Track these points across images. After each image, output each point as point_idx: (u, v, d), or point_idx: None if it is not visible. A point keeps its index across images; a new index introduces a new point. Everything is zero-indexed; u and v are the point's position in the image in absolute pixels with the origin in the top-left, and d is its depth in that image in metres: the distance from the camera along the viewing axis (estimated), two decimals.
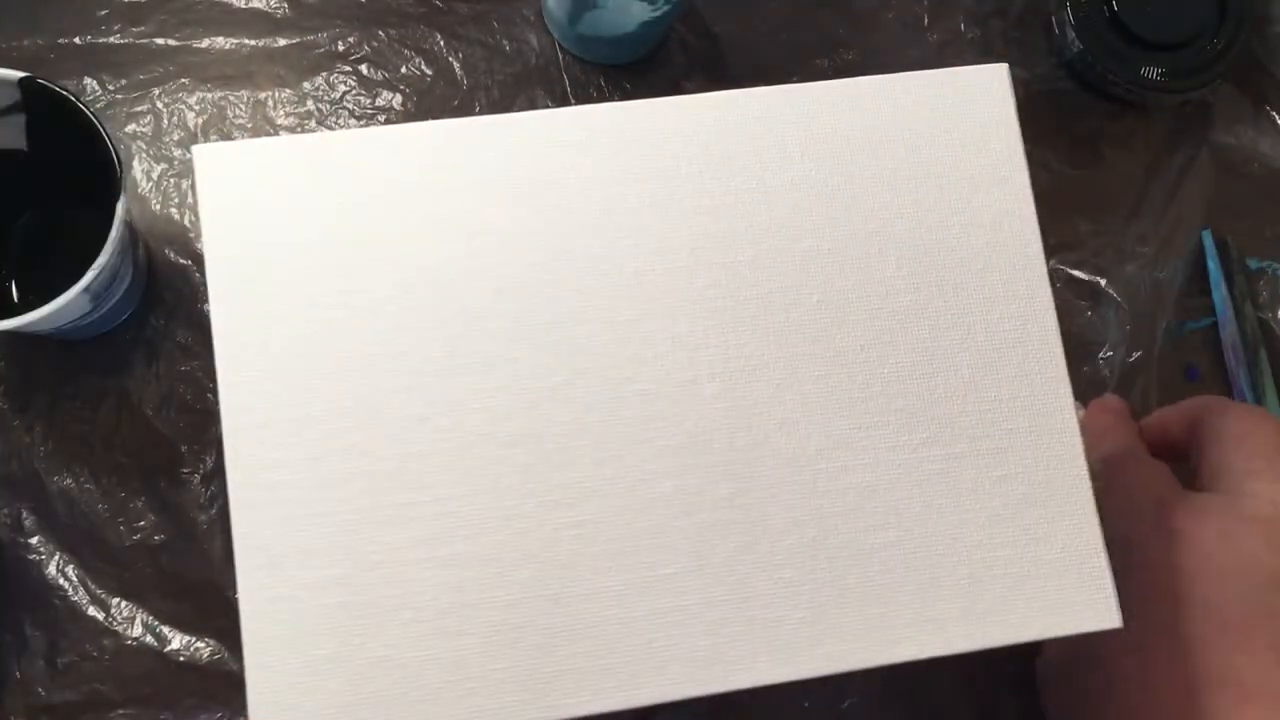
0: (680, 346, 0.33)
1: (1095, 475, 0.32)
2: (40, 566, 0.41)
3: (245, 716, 0.30)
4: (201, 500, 0.42)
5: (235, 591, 0.30)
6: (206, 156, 0.33)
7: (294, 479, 0.31)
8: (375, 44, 0.47)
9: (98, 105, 0.45)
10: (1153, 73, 0.48)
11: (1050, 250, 0.42)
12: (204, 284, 0.42)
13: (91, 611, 0.41)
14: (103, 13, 0.46)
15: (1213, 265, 0.49)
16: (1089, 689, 0.37)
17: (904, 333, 0.33)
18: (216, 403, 0.32)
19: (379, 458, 0.31)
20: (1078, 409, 0.32)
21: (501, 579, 0.31)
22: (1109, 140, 0.50)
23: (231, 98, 0.46)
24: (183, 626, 0.41)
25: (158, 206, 0.44)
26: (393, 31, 0.47)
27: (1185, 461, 0.40)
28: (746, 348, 0.33)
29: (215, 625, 0.41)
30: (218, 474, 0.42)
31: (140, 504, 0.42)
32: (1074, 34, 0.48)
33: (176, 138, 0.45)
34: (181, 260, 0.44)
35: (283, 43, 0.46)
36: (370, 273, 0.32)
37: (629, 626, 0.31)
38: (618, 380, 0.32)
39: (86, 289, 0.35)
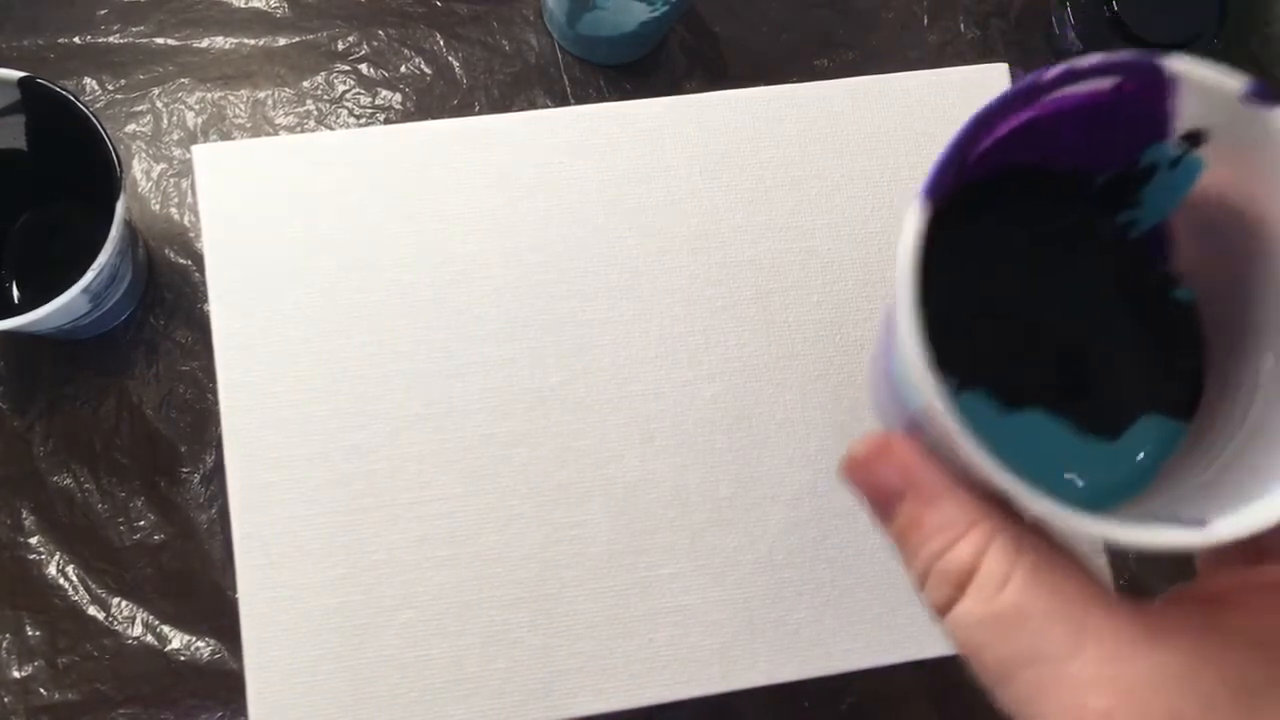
0: (680, 346, 0.33)
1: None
2: (40, 566, 0.41)
3: (245, 716, 0.30)
4: (201, 500, 0.42)
5: (235, 591, 0.30)
6: (206, 156, 0.33)
7: (294, 479, 0.31)
8: (375, 44, 0.47)
9: (98, 105, 0.45)
10: None
11: None
12: (204, 284, 0.42)
13: (91, 611, 0.41)
14: (103, 13, 0.46)
15: None
16: None
17: None
18: (216, 403, 0.32)
19: (379, 458, 0.31)
20: None
21: (502, 579, 0.31)
22: None
23: (231, 98, 0.46)
24: (183, 626, 0.41)
25: (158, 206, 0.44)
26: (393, 31, 0.47)
27: None
28: (746, 348, 0.33)
29: (215, 625, 0.41)
30: (218, 474, 0.42)
31: (140, 504, 0.42)
32: (1074, 34, 0.48)
33: (176, 138, 0.45)
34: (181, 260, 0.44)
35: (283, 43, 0.46)
36: (370, 272, 0.32)
37: (629, 626, 0.31)
38: (618, 380, 0.32)
39: (86, 289, 0.35)
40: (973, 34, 0.50)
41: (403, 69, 0.47)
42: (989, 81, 0.35)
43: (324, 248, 0.32)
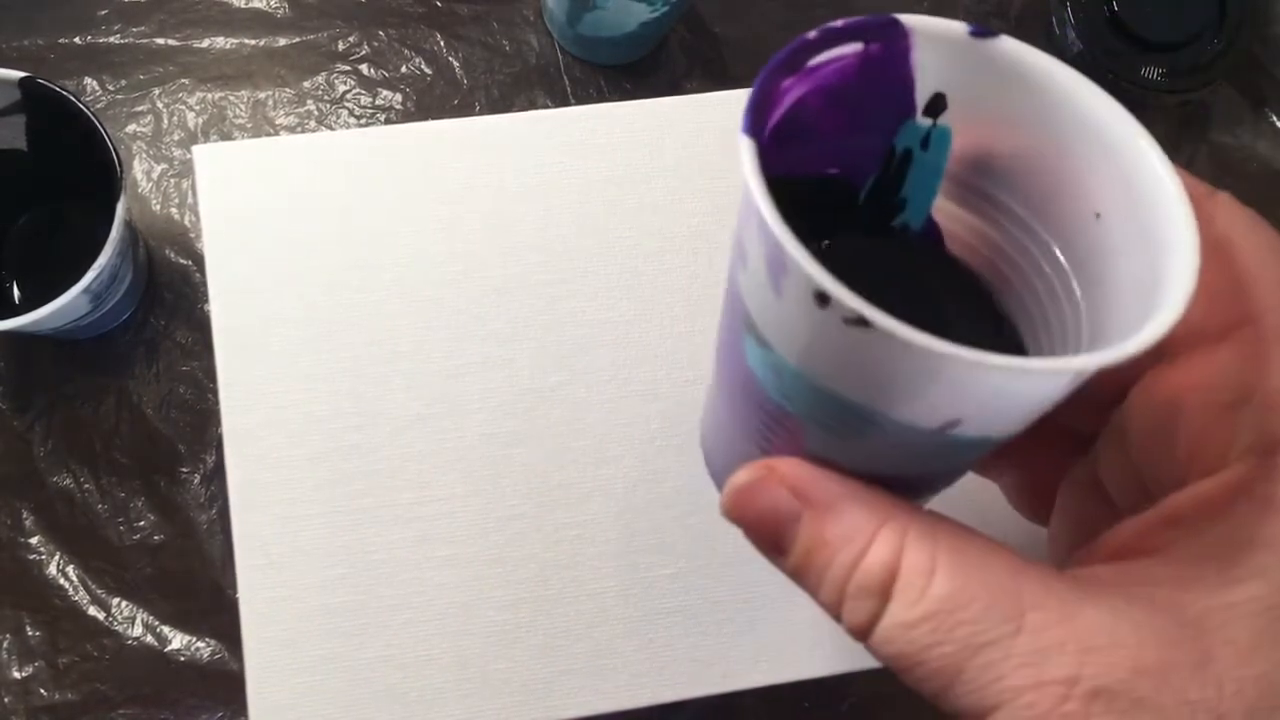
0: (680, 346, 0.33)
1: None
2: (40, 566, 0.41)
3: (245, 716, 0.30)
4: (201, 500, 0.42)
5: (235, 591, 0.30)
6: (206, 156, 0.33)
7: (294, 479, 0.31)
8: (375, 44, 0.47)
9: (98, 105, 0.45)
10: (1153, 73, 0.48)
11: None
12: (204, 284, 0.42)
13: (91, 611, 0.41)
14: (103, 13, 0.46)
15: None
16: None
17: None
18: (216, 403, 0.32)
19: (379, 458, 0.31)
20: None
21: (502, 579, 0.31)
22: None
23: (231, 98, 0.46)
24: (183, 626, 0.41)
25: (158, 206, 0.44)
26: (393, 31, 0.47)
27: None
28: None
29: (215, 625, 0.41)
30: (218, 474, 0.42)
31: (140, 504, 0.42)
32: (1074, 34, 0.48)
33: (176, 138, 0.45)
34: (181, 260, 0.44)
35: (283, 43, 0.46)
36: (370, 273, 0.32)
37: (629, 626, 0.31)
38: (618, 380, 0.32)
39: (86, 289, 0.35)
40: None
41: (403, 69, 0.47)
42: None
43: (324, 248, 0.32)
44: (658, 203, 0.33)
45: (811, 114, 0.20)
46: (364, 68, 0.46)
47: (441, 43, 0.47)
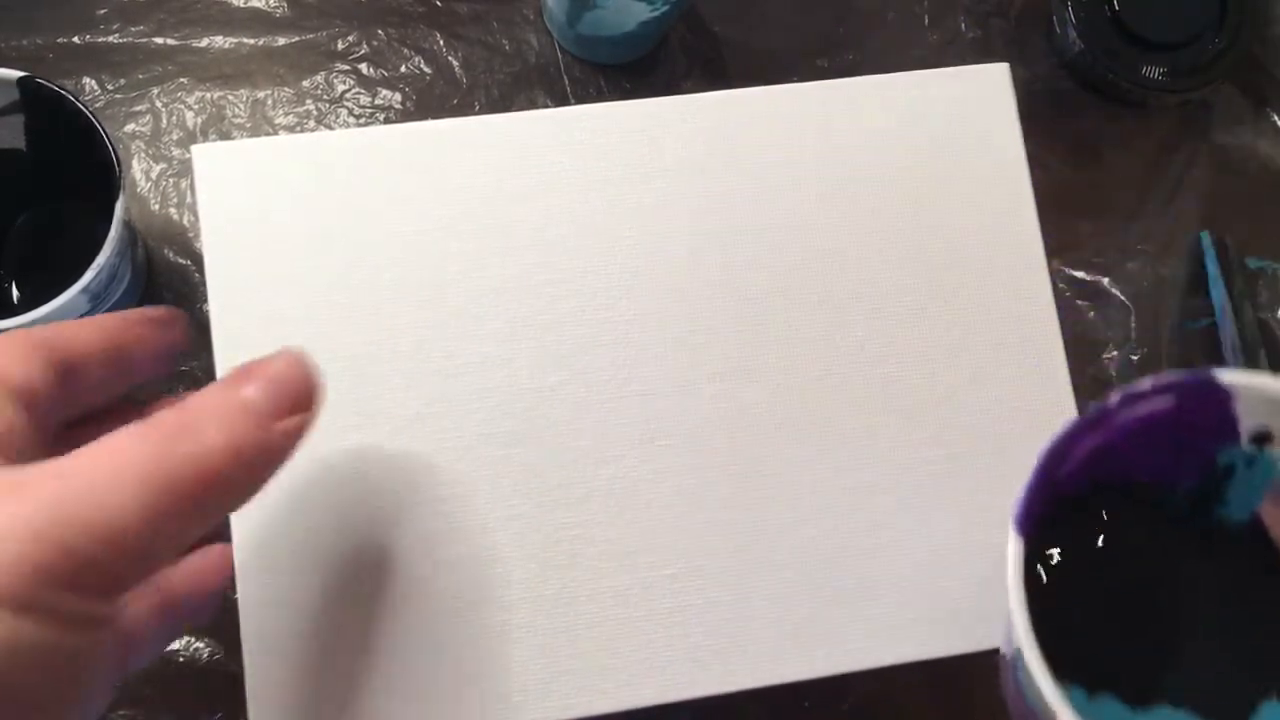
0: (680, 347, 0.32)
1: None
2: None
3: (245, 716, 0.30)
4: None
5: (235, 593, 0.30)
6: (206, 156, 0.32)
7: (294, 479, 0.31)
8: (375, 43, 0.47)
9: (97, 105, 0.45)
10: (1153, 73, 0.48)
11: (1051, 250, 0.43)
12: (203, 284, 0.42)
13: None
14: (102, 12, 0.46)
15: (1211, 265, 0.49)
16: None
17: (904, 333, 0.33)
18: None
19: (378, 457, 0.31)
20: None
21: (502, 580, 0.31)
22: (1109, 140, 0.50)
23: (231, 97, 0.46)
24: None
25: (157, 206, 0.44)
26: (392, 31, 0.47)
27: None
28: (746, 348, 0.33)
29: (215, 625, 0.41)
30: None
31: None
32: (1074, 34, 0.48)
33: (176, 137, 0.45)
34: (181, 260, 0.44)
35: (282, 42, 0.46)
36: (370, 272, 0.32)
37: (629, 627, 0.31)
38: (617, 380, 0.32)
39: (86, 289, 0.35)
40: (973, 34, 0.50)
41: (402, 69, 0.47)
42: (990, 81, 0.35)
43: (323, 247, 0.32)
44: (657, 203, 0.33)
45: (1119, 448, 0.21)
46: (363, 67, 0.46)
47: (441, 42, 0.47)
